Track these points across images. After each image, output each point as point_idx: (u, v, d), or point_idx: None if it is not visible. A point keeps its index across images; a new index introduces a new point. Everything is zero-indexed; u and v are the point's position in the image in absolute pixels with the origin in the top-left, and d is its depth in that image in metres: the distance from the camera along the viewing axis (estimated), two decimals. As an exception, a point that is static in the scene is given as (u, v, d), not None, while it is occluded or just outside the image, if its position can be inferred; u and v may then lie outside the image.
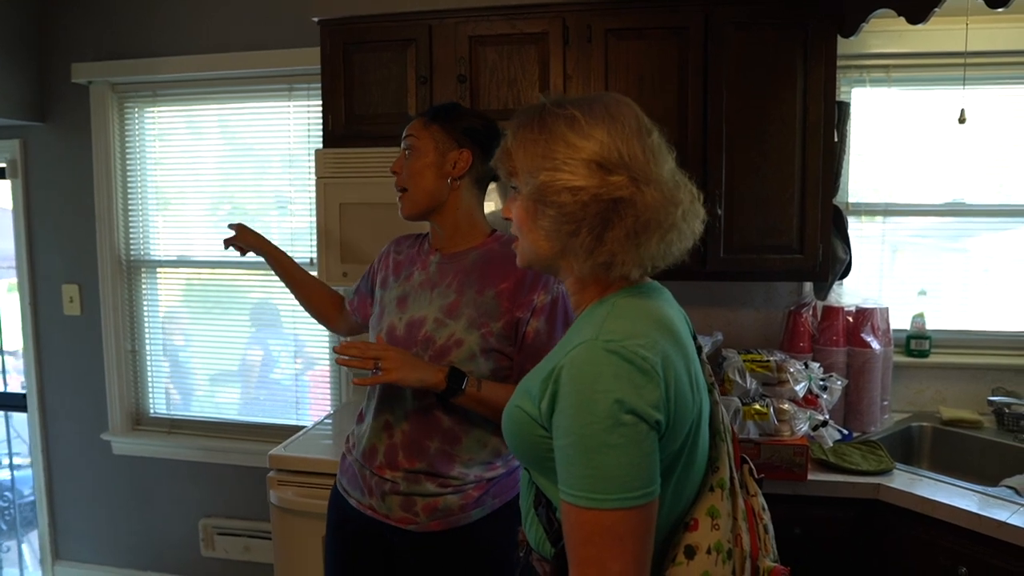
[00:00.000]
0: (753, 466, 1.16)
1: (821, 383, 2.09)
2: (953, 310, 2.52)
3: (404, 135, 1.63)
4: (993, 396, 2.29)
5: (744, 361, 2.08)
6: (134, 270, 3.01)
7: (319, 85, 2.72)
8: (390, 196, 2.23)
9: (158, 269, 3.01)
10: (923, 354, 2.46)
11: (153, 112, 2.94)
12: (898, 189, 2.51)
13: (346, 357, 1.43)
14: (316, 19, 2.38)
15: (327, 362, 2.89)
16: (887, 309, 2.35)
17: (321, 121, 2.77)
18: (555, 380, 0.98)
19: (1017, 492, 1.88)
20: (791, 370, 2.05)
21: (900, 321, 2.49)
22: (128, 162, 2.95)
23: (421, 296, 1.59)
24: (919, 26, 1.97)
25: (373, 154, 2.27)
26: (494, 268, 1.56)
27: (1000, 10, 1.78)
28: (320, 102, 2.76)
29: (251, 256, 1.99)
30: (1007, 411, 2.27)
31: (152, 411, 3.08)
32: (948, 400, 2.47)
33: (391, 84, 2.35)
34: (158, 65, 2.82)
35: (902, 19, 2.00)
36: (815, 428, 2.00)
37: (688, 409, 1.00)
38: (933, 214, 2.52)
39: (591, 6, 2.21)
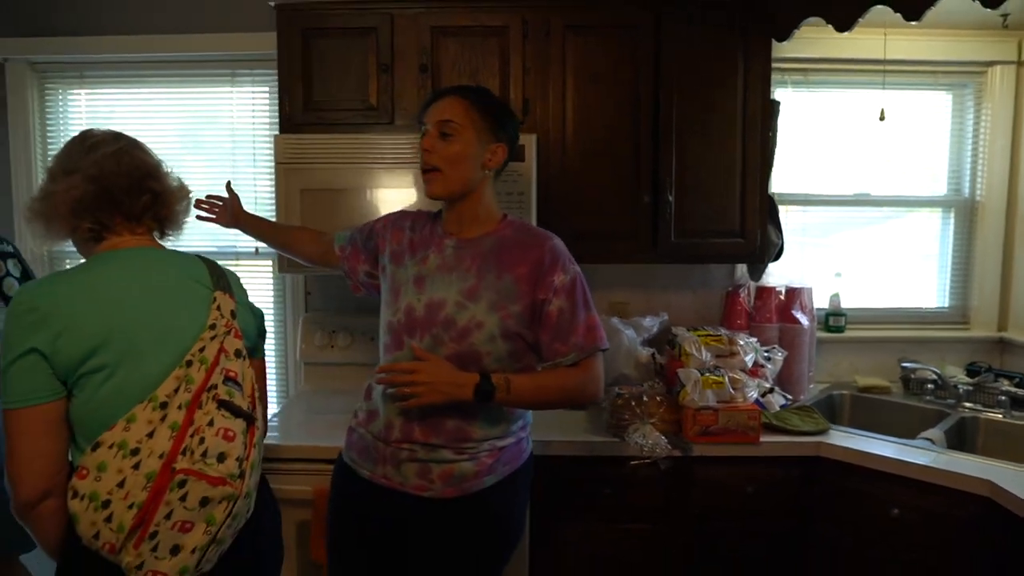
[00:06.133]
0: (223, 395, 1.34)
1: (765, 354, 2.29)
2: (863, 289, 2.83)
3: (442, 118, 1.61)
4: (906, 363, 2.58)
5: (698, 336, 2.25)
6: (57, 264, 2.83)
7: (265, 72, 2.71)
8: (352, 182, 2.29)
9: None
10: (839, 329, 2.74)
11: (79, 95, 2.78)
12: (814, 181, 2.78)
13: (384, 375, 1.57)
14: (272, 3, 2.35)
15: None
16: (811, 289, 2.61)
17: (268, 108, 2.76)
18: None
19: (933, 443, 2.15)
20: (740, 343, 2.24)
21: (818, 301, 2.76)
22: (50, 148, 2.77)
23: (439, 279, 1.62)
24: (845, 34, 2.22)
25: (335, 140, 2.27)
26: (511, 253, 1.63)
27: (914, 24, 2.06)
28: (266, 89, 2.75)
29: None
30: (913, 376, 2.57)
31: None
32: (860, 370, 2.76)
33: (351, 71, 2.36)
34: (87, 44, 2.67)
35: (827, 27, 2.24)
36: (763, 395, 2.19)
37: (82, 337, 1.27)
38: (844, 204, 2.81)
39: (550, 2, 2.32)
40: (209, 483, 1.26)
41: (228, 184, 2.12)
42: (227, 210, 2.09)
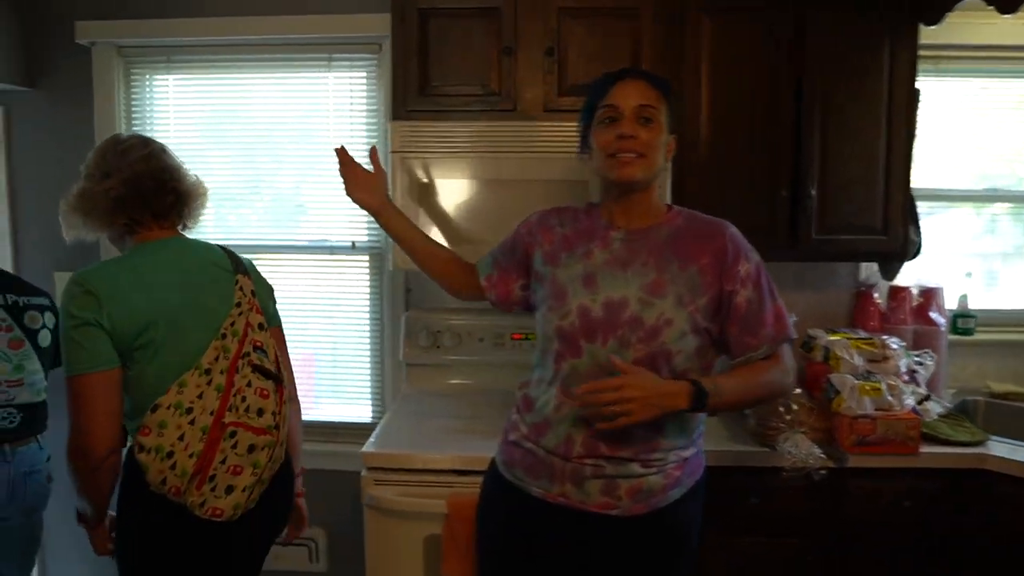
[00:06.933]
0: (255, 360, 1.56)
1: (917, 360, 2.15)
2: (992, 290, 2.68)
3: (643, 102, 1.47)
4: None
5: (847, 340, 2.11)
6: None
7: (364, 56, 2.58)
8: (474, 172, 2.15)
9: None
10: (968, 332, 2.59)
11: (166, 80, 2.64)
12: (941, 174, 2.63)
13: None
14: (388, -19, 2.21)
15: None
16: (943, 289, 2.46)
17: (365, 95, 2.63)
18: None
19: (1103, 455, 2.01)
20: (893, 347, 2.10)
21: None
22: (136, 135, 2.64)
23: (612, 275, 1.49)
24: (1007, 16, 2.07)
25: (457, 128, 2.14)
26: (689, 243, 1.51)
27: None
28: (363, 74, 2.61)
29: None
30: (1055, 382, 2.43)
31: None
32: (987, 375, 2.61)
33: (471, 55, 2.21)
34: (175, 27, 2.52)
35: (971, 12, 2.10)
36: (919, 402, 2.06)
37: (135, 316, 1.46)
38: (972, 200, 2.66)
39: (684, -17, 2.18)
40: (254, 433, 1.50)
41: (373, 151, 1.81)
42: (366, 183, 1.76)
